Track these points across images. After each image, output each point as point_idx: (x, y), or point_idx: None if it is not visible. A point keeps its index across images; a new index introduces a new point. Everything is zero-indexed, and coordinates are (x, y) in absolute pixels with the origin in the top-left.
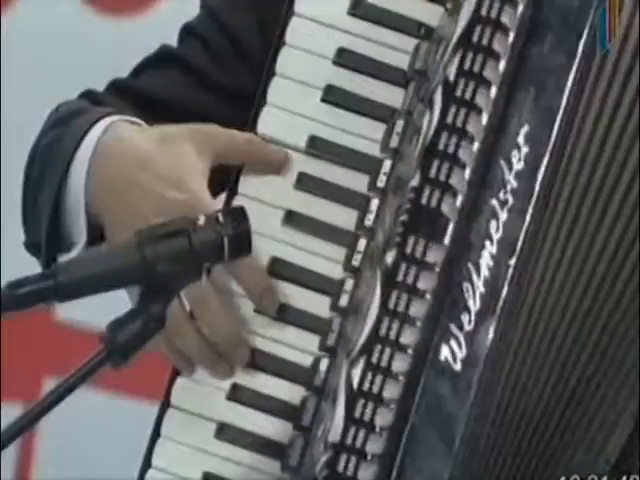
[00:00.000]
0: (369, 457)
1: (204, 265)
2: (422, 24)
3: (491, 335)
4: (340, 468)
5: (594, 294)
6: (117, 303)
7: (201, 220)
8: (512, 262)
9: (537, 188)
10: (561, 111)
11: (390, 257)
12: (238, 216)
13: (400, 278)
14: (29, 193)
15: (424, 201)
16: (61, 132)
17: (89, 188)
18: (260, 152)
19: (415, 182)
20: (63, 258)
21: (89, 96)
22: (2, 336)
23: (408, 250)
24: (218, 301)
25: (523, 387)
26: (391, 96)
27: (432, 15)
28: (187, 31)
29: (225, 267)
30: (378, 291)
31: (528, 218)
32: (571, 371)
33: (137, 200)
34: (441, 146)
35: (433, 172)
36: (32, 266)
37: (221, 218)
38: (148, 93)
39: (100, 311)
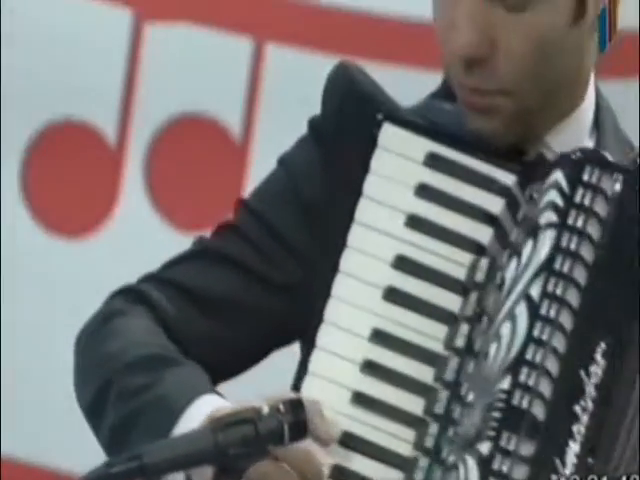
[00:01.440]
0: None
1: (268, 447)
2: (473, 242)
3: None
4: None
5: None
6: None
7: (265, 410)
8: (591, 461)
9: (613, 398)
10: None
11: (485, 448)
12: (296, 406)
13: (496, 467)
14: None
15: (515, 402)
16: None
17: None
18: None
19: (505, 385)
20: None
21: (135, 293)
22: None
23: (502, 443)
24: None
25: None
26: (450, 302)
27: (483, 235)
28: (230, 229)
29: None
30: (475, 474)
31: (606, 424)
32: None
33: None
34: (529, 356)
35: (523, 378)
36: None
37: (282, 408)
38: (187, 284)
39: None
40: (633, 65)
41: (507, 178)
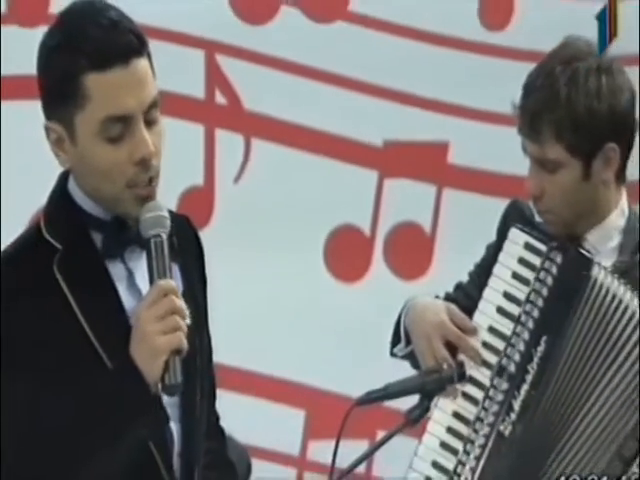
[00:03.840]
0: None
1: (446, 385)
2: (528, 280)
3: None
4: None
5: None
6: None
7: (445, 366)
8: (533, 393)
9: (549, 360)
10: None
11: (488, 383)
12: (460, 365)
13: (490, 393)
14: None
15: (502, 363)
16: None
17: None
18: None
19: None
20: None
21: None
22: None
23: (494, 382)
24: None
25: None
26: (514, 309)
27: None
28: (467, 279)
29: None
30: (481, 395)
31: (545, 374)
32: None
33: (427, 318)
34: (512, 341)
35: (508, 351)
36: None
37: (452, 364)
38: (455, 299)
39: None
40: None
41: (545, 247)
